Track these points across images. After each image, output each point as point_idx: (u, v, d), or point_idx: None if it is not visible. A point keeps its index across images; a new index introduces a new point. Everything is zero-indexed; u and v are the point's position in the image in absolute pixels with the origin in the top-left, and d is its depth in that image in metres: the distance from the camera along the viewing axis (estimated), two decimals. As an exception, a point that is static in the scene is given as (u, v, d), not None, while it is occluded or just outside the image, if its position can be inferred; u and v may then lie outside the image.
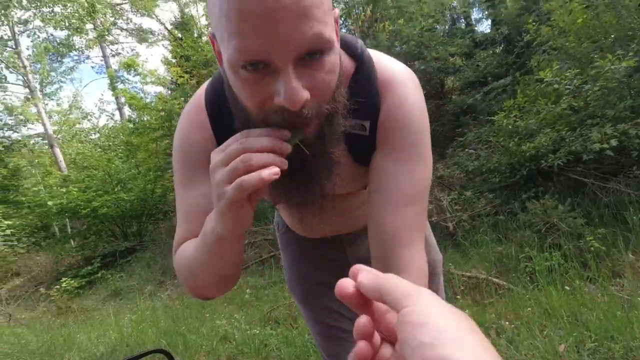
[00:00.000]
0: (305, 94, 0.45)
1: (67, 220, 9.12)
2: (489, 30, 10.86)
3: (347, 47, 0.63)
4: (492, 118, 4.19)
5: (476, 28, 9.89)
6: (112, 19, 12.92)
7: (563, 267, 2.54)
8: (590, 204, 3.26)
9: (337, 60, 0.51)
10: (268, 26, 0.41)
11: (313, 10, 0.43)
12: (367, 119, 0.62)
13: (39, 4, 8.36)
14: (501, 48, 8.53)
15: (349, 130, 0.59)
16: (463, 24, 10.10)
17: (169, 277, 5.66)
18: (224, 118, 0.61)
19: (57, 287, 6.42)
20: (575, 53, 3.38)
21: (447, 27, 10.22)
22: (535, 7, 5.13)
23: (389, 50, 8.08)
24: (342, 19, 7.79)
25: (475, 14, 11.08)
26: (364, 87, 0.61)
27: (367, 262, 0.97)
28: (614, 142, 2.98)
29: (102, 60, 17.51)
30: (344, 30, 8.23)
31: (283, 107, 0.46)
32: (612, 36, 3.58)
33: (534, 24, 3.99)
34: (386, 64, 0.64)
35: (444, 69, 8.44)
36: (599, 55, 3.20)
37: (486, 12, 10.81)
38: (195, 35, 9.73)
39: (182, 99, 7.42)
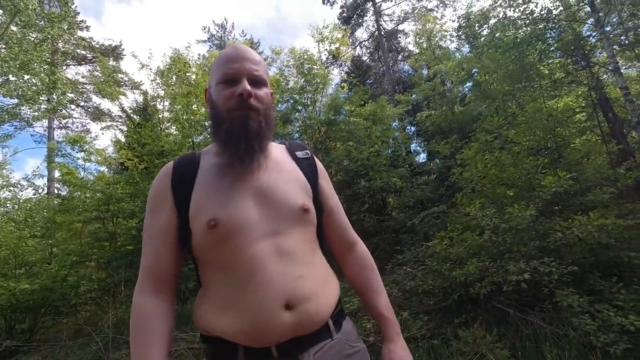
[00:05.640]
0: (251, 90, 0.93)
1: None
2: (425, 160, 12.55)
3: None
4: (428, 244, 4.54)
5: (415, 158, 11.30)
6: (71, 95, 12.94)
7: (494, 404, 2.54)
8: (514, 335, 3.45)
9: (269, 93, 1.01)
10: (238, 64, 0.95)
11: (258, 65, 0.98)
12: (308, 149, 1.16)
13: (-6, 71, 8.23)
14: (435, 176, 9.74)
15: (301, 156, 1.11)
16: (404, 152, 11.55)
17: (55, 392, 4.59)
18: (183, 170, 1.00)
19: None
20: (492, 196, 3.99)
21: (389, 151, 11.61)
22: (461, 152, 6.18)
23: (339, 166, 8.86)
24: (299, 134, 8.58)
25: (414, 146, 12.89)
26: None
27: None
28: (527, 275, 3.36)
29: (45, 131, 16.85)
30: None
31: (240, 94, 0.92)
32: (519, 185, 4.35)
33: (458, 168, 4.74)
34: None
35: (386, 188, 9.29)
36: (508, 200, 3.80)
37: (422, 146, 12.62)
38: (155, 122, 9.95)
39: (126, 184, 7.17)
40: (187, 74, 10.16)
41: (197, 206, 0.93)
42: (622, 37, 6.12)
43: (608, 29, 6.11)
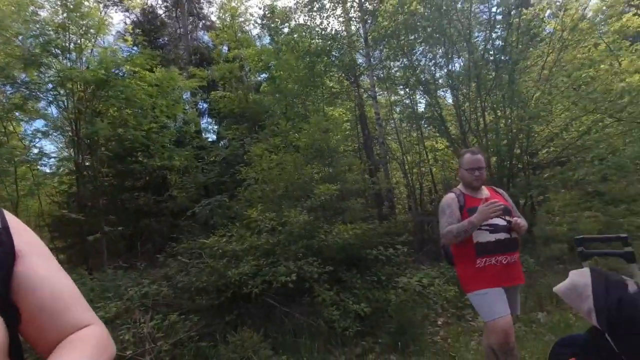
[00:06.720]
0: None
1: None
2: (215, 140, 12.17)
3: None
4: (206, 240, 4.30)
5: (205, 139, 10.73)
6: None
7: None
8: (278, 330, 3.72)
9: None
10: None
11: None
12: None
13: None
14: (221, 161, 9.52)
15: None
16: (193, 130, 10.77)
17: None
18: None
19: None
20: (273, 197, 4.16)
21: (176, 125, 10.57)
22: (250, 144, 6.26)
23: (108, 140, 7.27)
24: (53, 85, 6.42)
25: (204, 123, 12.25)
26: None
27: None
28: (294, 277, 3.68)
29: None
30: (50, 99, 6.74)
31: None
32: (296, 184, 4.76)
33: (245, 167, 4.73)
34: None
35: (168, 166, 8.41)
36: (287, 203, 4.05)
37: (213, 126, 12.18)
38: None
39: None
40: None
41: None
42: (380, 71, 7.78)
43: (373, 61, 7.63)
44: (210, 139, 11.75)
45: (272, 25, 7.67)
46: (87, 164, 7.67)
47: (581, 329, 2.78)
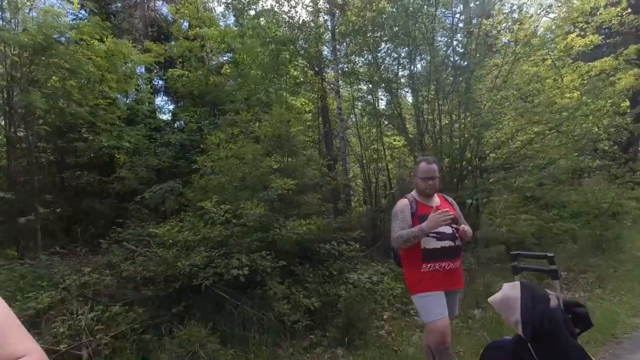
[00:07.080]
0: None
1: None
2: (170, 120, 11.55)
3: None
4: (156, 231, 4.11)
5: (160, 121, 10.13)
6: None
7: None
8: (227, 322, 3.68)
9: None
10: None
11: None
12: None
13: None
14: (176, 144, 9.08)
15: None
16: (146, 108, 10.13)
17: None
18: None
19: None
20: (229, 189, 4.06)
21: (127, 100, 9.88)
22: (209, 128, 6.02)
23: (47, 112, 6.60)
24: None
25: (159, 101, 11.57)
26: None
27: None
28: (246, 271, 3.65)
29: None
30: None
31: None
32: (253, 176, 4.68)
33: (202, 156, 4.56)
34: None
35: (116, 145, 7.88)
36: (243, 194, 3.97)
37: (169, 104, 11.54)
38: None
39: None
40: None
41: None
42: (345, 65, 7.79)
43: (339, 55, 7.61)
44: (164, 119, 11.15)
45: (238, 5, 7.34)
46: (20, 134, 6.95)
47: (510, 327, 3.05)
